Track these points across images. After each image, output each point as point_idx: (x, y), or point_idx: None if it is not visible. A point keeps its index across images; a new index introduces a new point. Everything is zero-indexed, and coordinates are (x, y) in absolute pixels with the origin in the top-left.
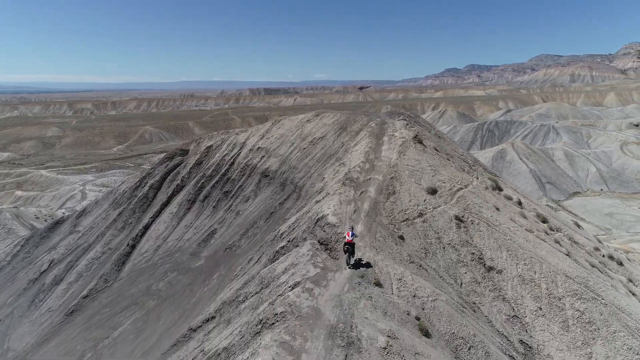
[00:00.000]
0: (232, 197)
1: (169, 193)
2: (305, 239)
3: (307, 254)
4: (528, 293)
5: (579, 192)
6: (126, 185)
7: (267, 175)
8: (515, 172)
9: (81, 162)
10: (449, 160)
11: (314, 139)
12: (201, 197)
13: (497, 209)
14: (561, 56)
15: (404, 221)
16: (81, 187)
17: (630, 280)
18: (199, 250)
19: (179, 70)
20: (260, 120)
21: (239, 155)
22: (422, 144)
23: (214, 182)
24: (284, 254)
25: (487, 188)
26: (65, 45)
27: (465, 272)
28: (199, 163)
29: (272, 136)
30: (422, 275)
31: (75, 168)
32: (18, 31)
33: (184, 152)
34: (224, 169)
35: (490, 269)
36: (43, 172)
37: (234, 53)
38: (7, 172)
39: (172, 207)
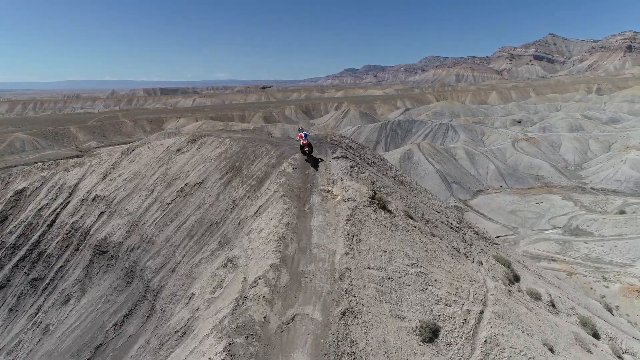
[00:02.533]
0: (44, 292)
1: None
2: None
3: None
4: None
5: (482, 190)
6: None
7: (104, 253)
8: (422, 173)
9: None
10: (433, 235)
11: (185, 185)
12: None
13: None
14: (447, 58)
15: None
16: None
17: None
18: None
19: (63, 68)
20: (156, 123)
21: (64, 208)
22: (387, 209)
23: (17, 258)
24: None
25: (505, 285)
26: None
27: None
28: (1, 220)
29: (120, 175)
30: None
31: None
32: None
33: None
34: (38, 233)
35: None
36: None
37: (126, 50)
38: None
39: None
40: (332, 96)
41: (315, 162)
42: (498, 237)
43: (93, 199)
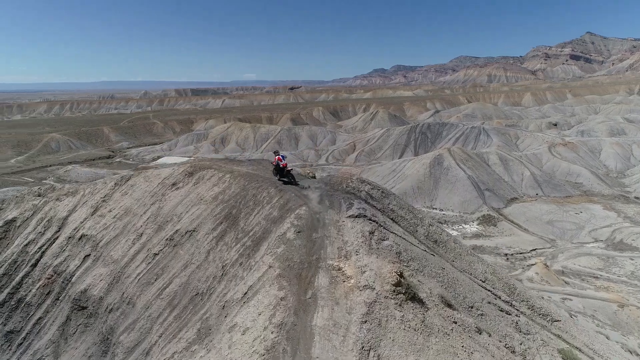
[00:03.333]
0: (18, 348)
1: None
2: None
3: None
4: None
5: (517, 198)
6: None
7: (83, 308)
8: (453, 180)
9: None
10: (480, 331)
11: (176, 233)
12: None
13: None
14: (478, 57)
15: None
16: None
17: None
18: None
19: (100, 69)
20: (185, 124)
21: (50, 246)
22: (417, 299)
23: None
24: None
25: None
26: None
27: None
28: None
29: (110, 211)
30: None
31: None
32: None
33: None
34: (21, 274)
35: None
36: None
37: (159, 52)
38: None
39: None
40: (360, 97)
41: (295, 182)
42: (534, 250)
43: (79, 238)
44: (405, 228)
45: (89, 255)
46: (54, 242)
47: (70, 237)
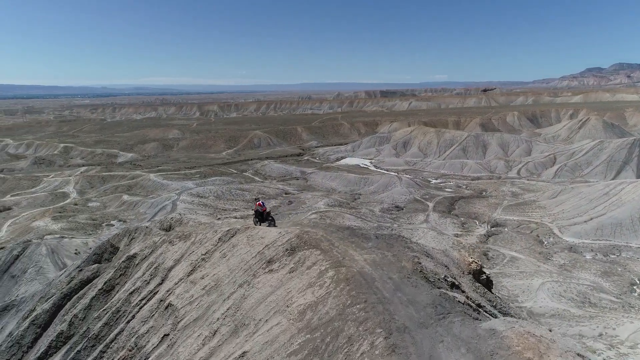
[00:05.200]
0: None
1: (48, 343)
2: None
3: None
4: None
5: None
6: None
7: None
8: None
9: (190, 166)
10: None
11: (243, 355)
12: None
13: None
14: None
15: None
16: (176, 197)
17: None
18: None
19: (301, 72)
20: (370, 126)
21: (147, 303)
22: None
23: (110, 339)
24: None
25: None
26: (205, 52)
27: None
28: (108, 289)
29: (203, 278)
30: None
31: (181, 173)
32: (166, 39)
33: (114, 251)
34: (115, 331)
35: None
36: (151, 176)
37: (352, 54)
38: (123, 175)
39: None
40: (566, 101)
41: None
42: None
43: (167, 307)
44: None
45: (167, 335)
46: (150, 300)
47: (161, 301)
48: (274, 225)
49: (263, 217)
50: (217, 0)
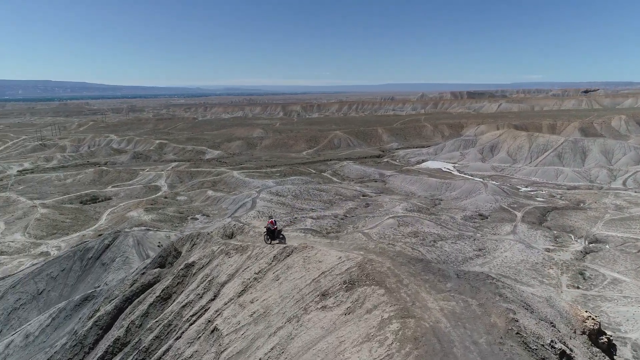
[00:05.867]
0: None
1: (105, 348)
2: None
3: None
4: None
5: None
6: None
7: None
8: None
9: (271, 165)
10: None
11: None
12: None
13: None
14: None
15: None
16: (256, 194)
17: None
18: None
19: (385, 73)
20: (455, 128)
21: (196, 321)
22: None
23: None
24: None
25: None
26: (291, 54)
27: None
28: (165, 297)
29: (252, 302)
30: None
31: (263, 171)
32: (249, 45)
33: (177, 255)
34: (163, 348)
35: None
36: (235, 173)
37: (437, 54)
38: (209, 171)
39: None
40: None
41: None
42: None
43: (212, 331)
44: None
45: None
46: (199, 317)
47: (209, 322)
48: (284, 243)
49: (274, 234)
50: (305, 3)
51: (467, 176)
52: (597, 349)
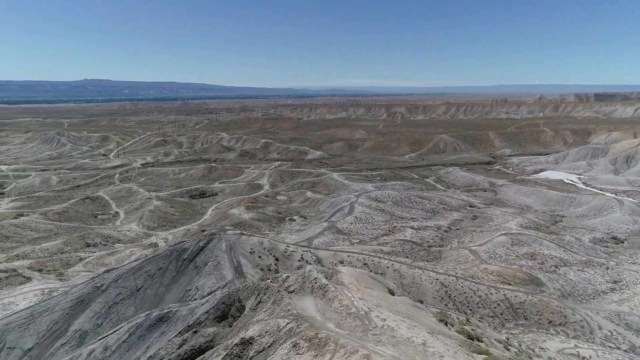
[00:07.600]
0: None
1: None
2: None
3: None
4: None
5: None
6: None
7: None
8: None
9: (371, 168)
10: None
11: None
12: None
13: None
14: None
15: None
16: (354, 199)
17: None
18: None
19: (495, 73)
20: (580, 134)
21: None
22: None
23: None
24: None
25: None
26: (396, 54)
27: None
28: None
29: None
30: None
31: (362, 174)
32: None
33: (241, 309)
34: None
35: None
36: (334, 175)
37: (557, 51)
38: (309, 172)
39: None
40: None
41: None
42: None
43: None
44: None
45: None
46: None
47: None
48: None
49: None
50: (412, 3)
51: (595, 190)
52: None
